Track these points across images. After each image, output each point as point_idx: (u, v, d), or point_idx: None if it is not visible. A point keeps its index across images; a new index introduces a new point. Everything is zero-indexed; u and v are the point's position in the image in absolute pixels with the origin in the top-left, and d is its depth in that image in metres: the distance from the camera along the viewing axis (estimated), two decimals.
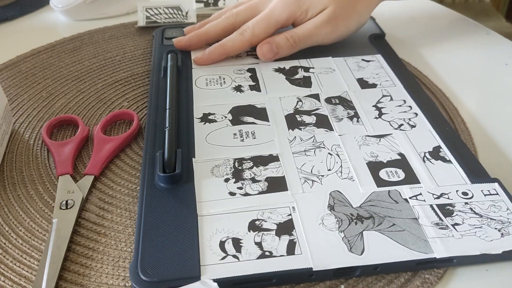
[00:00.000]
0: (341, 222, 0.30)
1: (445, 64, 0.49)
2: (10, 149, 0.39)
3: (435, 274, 0.28)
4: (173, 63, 0.45)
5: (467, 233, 0.29)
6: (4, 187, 0.35)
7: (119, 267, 0.29)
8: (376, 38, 0.51)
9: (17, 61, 0.50)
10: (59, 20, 0.59)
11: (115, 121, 0.41)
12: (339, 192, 0.32)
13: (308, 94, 0.42)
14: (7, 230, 0.32)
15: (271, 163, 0.34)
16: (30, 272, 0.29)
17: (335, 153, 0.35)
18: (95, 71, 0.49)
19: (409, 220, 0.30)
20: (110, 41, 0.54)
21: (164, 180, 0.33)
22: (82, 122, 0.40)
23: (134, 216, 0.33)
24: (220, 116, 0.39)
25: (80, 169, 0.37)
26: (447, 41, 0.53)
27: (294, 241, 0.29)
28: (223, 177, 0.33)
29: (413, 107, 0.40)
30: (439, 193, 0.32)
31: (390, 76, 0.44)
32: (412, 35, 0.55)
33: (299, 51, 0.47)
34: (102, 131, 0.39)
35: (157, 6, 0.59)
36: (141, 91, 0.46)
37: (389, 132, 0.37)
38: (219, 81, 0.44)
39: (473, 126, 0.41)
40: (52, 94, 0.45)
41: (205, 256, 0.28)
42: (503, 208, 0.31)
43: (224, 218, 0.30)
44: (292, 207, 0.31)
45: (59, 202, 0.33)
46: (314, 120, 0.39)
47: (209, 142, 0.36)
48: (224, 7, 0.61)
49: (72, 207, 0.33)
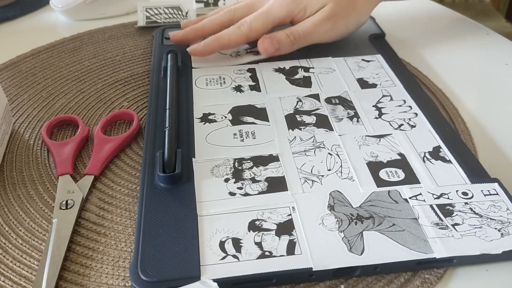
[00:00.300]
0: (341, 222, 0.30)
1: (445, 64, 0.49)
2: (10, 149, 0.39)
3: (435, 274, 0.28)
4: (173, 63, 0.45)
5: (467, 233, 0.29)
6: (4, 187, 0.35)
7: (119, 267, 0.29)
8: (376, 38, 0.51)
9: (17, 61, 0.50)
10: (59, 20, 0.59)
11: (115, 121, 0.41)
12: (339, 192, 0.32)
13: (308, 94, 0.42)
14: (7, 230, 0.32)
15: (271, 163, 0.34)
16: (30, 272, 0.29)
17: (335, 153, 0.35)
18: (95, 71, 0.49)
19: (409, 220, 0.30)
20: (110, 41, 0.54)
21: (164, 180, 0.33)
22: (82, 122, 0.40)
23: (134, 216, 0.33)
24: (220, 116, 0.39)
25: (80, 169, 0.37)
26: (447, 41, 0.53)
27: (294, 241, 0.29)
28: (223, 177, 0.33)
29: (413, 107, 0.40)
30: (439, 193, 0.32)
31: (390, 76, 0.44)
32: (412, 35, 0.55)
33: (299, 51, 0.47)
34: (102, 131, 0.39)
35: (157, 6, 0.59)
36: (141, 91, 0.46)
37: (389, 132, 0.37)
38: (219, 81, 0.44)
39: (473, 126, 0.41)
40: (52, 94, 0.45)
41: (205, 256, 0.28)
42: (503, 208, 0.31)
43: (224, 218, 0.30)
44: (292, 207, 0.31)
45: (59, 202, 0.33)
46: (314, 120, 0.39)
47: (209, 142, 0.36)
48: (224, 7, 0.61)
49: (72, 207, 0.33)
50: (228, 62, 0.47)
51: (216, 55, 0.48)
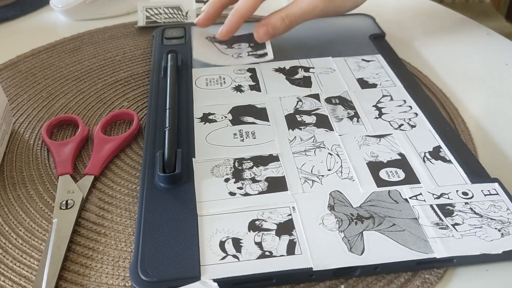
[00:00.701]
0: (341, 222, 0.30)
1: (445, 64, 0.49)
2: (10, 149, 0.39)
3: (435, 274, 0.28)
4: (173, 63, 0.45)
5: (467, 233, 0.29)
6: (4, 187, 0.35)
7: (119, 267, 0.29)
8: (376, 38, 0.51)
9: (17, 61, 0.50)
10: (59, 20, 0.59)
11: (115, 121, 0.41)
12: (339, 192, 0.32)
13: (308, 94, 0.42)
14: (7, 230, 0.32)
15: (271, 163, 0.34)
16: (30, 272, 0.29)
17: (335, 153, 0.35)
18: (95, 71, 0.49)
19: (409, 220, 0.30)
20: (110, 41, 0.54)
21: (164, 180, 0.33)
22: (82, 122, 0.40)
23: (134, 216, 0.33)
24: (220, 116, 0.39)
25: (80, 169, 0.37)
26: (447, 41, 0.53)
27: (294, 241, 0.29)
28: (223, 177, 0.33)
29: (413, 107, 0.40)
30: (439, 193, 0.32)
31: (390, 76, 0.44)
32: (412, 35, 0.55)
33: (299, 51, 0.47)
34: (102, 131, 0.39)
35: (157, 6, 0.59)
36: (141, 91, 0.46)
37: (389, 132, 0.37)
38: (219, 81, 0.44)
39: (473, 126, 0.41)
40: (52, 94, 0.45)
41: (205, 256, 0.28)
42: (503, 208, 0.31)
43: (224, 218, 0.30)
44: (292, 207, 0.31)
45: (59, 202, 0.33)
46: (314, 120, 0.39)
47: (209, 142, 0.36)
48: None
49: (72, 207, 0.33)
50: (229, 62, 0.47)
51: (217, 55, 0.48)
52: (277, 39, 0.48)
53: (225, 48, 0.49)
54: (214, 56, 0.47)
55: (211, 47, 0.49)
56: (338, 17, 0.55)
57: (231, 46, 0.49)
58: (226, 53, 0.48)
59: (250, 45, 0.49)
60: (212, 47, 0.49)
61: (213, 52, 0.48)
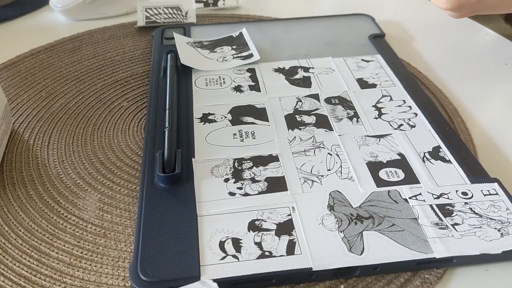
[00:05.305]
0: (341, 222, 0.30)
1: (445, 64, 0.49)
2: (10, 149, 0.39)
3: (434, 274, 0.28)
4: (172, 63, 0.45)
5: (466, 233, 0.29)
6: (4, 187, 0.35)
7: (119, 267, 0.29)
8: (376, 38, 0.51)
9: (16, 61, 0.50)
10: (59, 20, 0.59)
11: None
12: (339, 192, 0.32)
13: (307, 94, 0.42)
14: (7, 230, 0.32)
15: (271, 163, 0.34)
16: (30, 272, 0.29)
17: (335, 153, 0.35)
18: (94, 71, 0.49)
19: (408, 220, 0.30)
20: (110, 41, 0.54)
21: (164, 180, 0.33)
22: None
23: (134, 216, 0.33)
24: (220, 116, 0.39)
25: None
26: (447, 41, 0.53)
27: (294, 241, 0.29)
28: (223, 177, 0.33)
29: (413, 107, 0.40)
30: (439, 193, 0.32)
31: (389, 76, 0.44)
32: (412, 35, 0.55)
33: (298, 51, 0.47)
34: None
35: (157, 6, 0.59)
36: (141, 91, 0.46)
37: (389, 132, 0.37)
38: (219, 81, 0.44)
39: (473, 126, 0.41)
40: (52, 94, 0.45)
41: (205, 256, 0.28)
42: (502, 208, 0.31)
43: (224, 218, 0.30)
44: (292, 207, 0.31)
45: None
46: (314, 120, 0.39)
47: (209, 142, 0.36)
48: (224, 7, 0.61)
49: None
50: (215, 67, 0.46)
51: (202, 60, 0.47)
52: (277, 39, 0.48)
53: (208, 53, 0.48)
54: (199, 61, 0.47)
55: (194, 53, 0.48)
56: (338, 17, 0.55)
57: (214, 51, 0.48)
58: (210, 57, 0.47)
59: (233, 47, 0.49)
60: (195, 53, 0.48)
61: (198, 58, 0.47)
